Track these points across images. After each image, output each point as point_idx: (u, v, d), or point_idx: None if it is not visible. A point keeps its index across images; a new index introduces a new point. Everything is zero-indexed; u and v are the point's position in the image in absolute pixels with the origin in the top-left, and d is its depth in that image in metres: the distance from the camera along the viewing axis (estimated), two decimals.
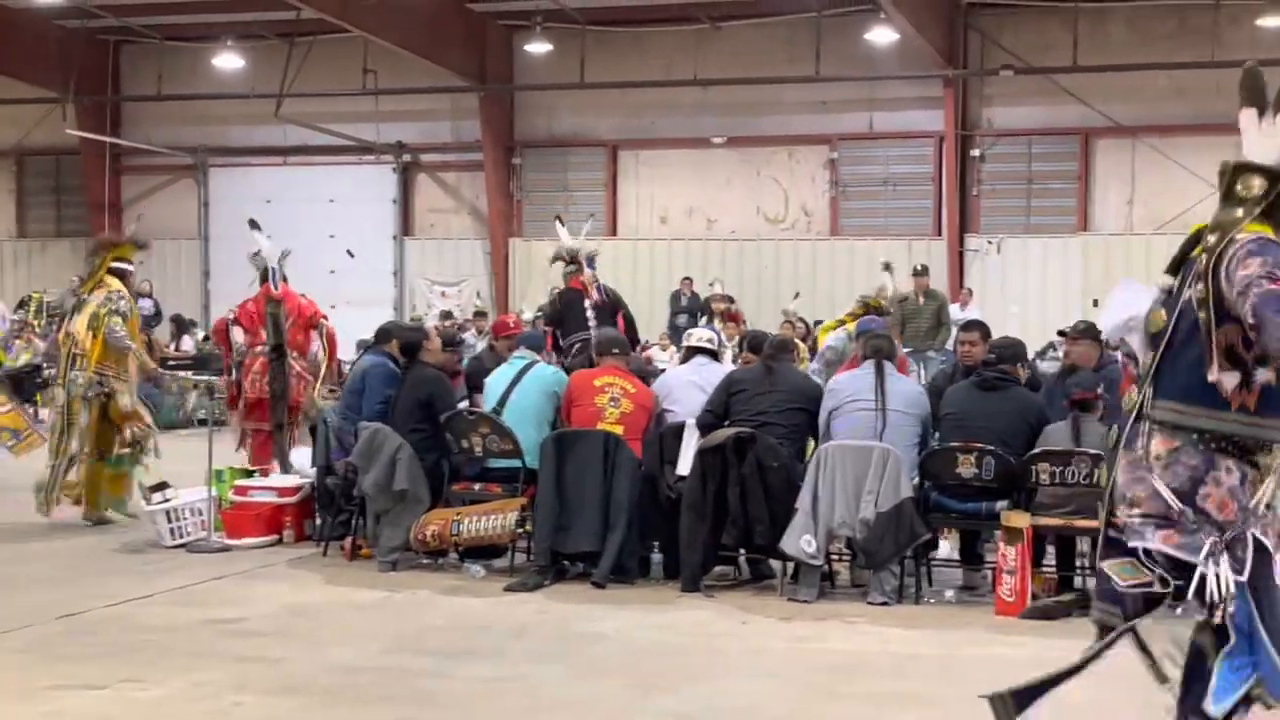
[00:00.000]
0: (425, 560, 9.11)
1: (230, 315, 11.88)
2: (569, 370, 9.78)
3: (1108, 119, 23.30)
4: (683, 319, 22.04)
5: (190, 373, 17.03)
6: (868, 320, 10.35)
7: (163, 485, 10.23)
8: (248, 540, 9.68)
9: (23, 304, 24.45)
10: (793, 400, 8.60)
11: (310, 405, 10.91)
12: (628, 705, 6.05)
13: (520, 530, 8.72)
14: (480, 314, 22.82)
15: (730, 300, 20.40)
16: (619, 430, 8.72)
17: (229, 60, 26.32)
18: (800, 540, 8.05)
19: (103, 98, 27.58)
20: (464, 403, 9.81)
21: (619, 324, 11.65)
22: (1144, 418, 4.38)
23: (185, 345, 22.45)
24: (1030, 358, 9.91)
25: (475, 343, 17.95)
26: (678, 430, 8.69)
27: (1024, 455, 8.00)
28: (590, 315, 11.75)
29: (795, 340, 13.69)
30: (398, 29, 23.02)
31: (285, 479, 10.44)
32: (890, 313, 12.39)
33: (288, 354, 11.41)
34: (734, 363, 10.35)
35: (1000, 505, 8.07)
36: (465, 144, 26.53)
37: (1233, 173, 4.35)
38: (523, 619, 7.66)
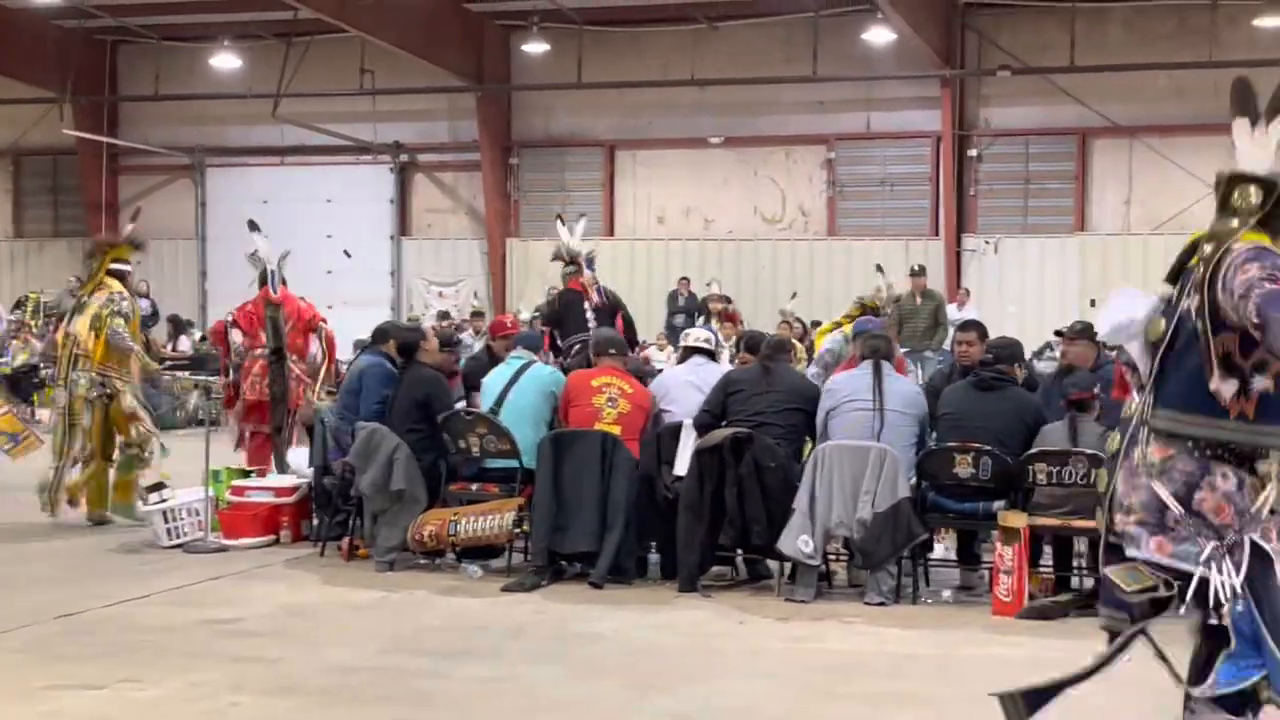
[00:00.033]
0: (422, 560, 9.11)
1: (229, 318, 11.88)
2: (567, 371, 9.78)
3: (1105, 119, 23.31)
4: (680, 319, 22.04)
5: (188, 373, 17.03)
6: (864, 320, 10.36)
7: (159, 485, 10.23)
8: (245, 540, 9.67)
9: (20, 304, 24.45)
10: (790, 400, 8.60)
11: (308, 408, 10.90)
12: (625, 705, 6.05)
13: (517, 530, 8.72)
14: (477, 314, 22.85)
15: (727, 300, 20.42)
16: (616, 430, 8.72)
17: (226, 60, 26.31)
18: (797, 540, 8.05)
19: (100, 98, 27.57)
20: (461, 403, 9.82)
21: (618, 325, 11.65)
22: (1143, 426, 4.39)
23: (182, 345, 22.45)
24: (1027, 358, 9.92)
25: (472, 343, 17.96)
26: (675, 430, 8.69)
27: (1021, 455, 8.01)
28: (590, 317, 11.75)
29: (792, 340, 13.70)
30: (395, 29, 23.02)
31: (282, 479, 10.44)
32: (887, 313, 12.40)
33: (287, 357, 11.41)
34: (731, 363, 10.35)
35: (997, 505, 8.07)
36: (462, 144, 26.54)
37: (1228, 183, 4.36)
38: (520, 619, 7.66)
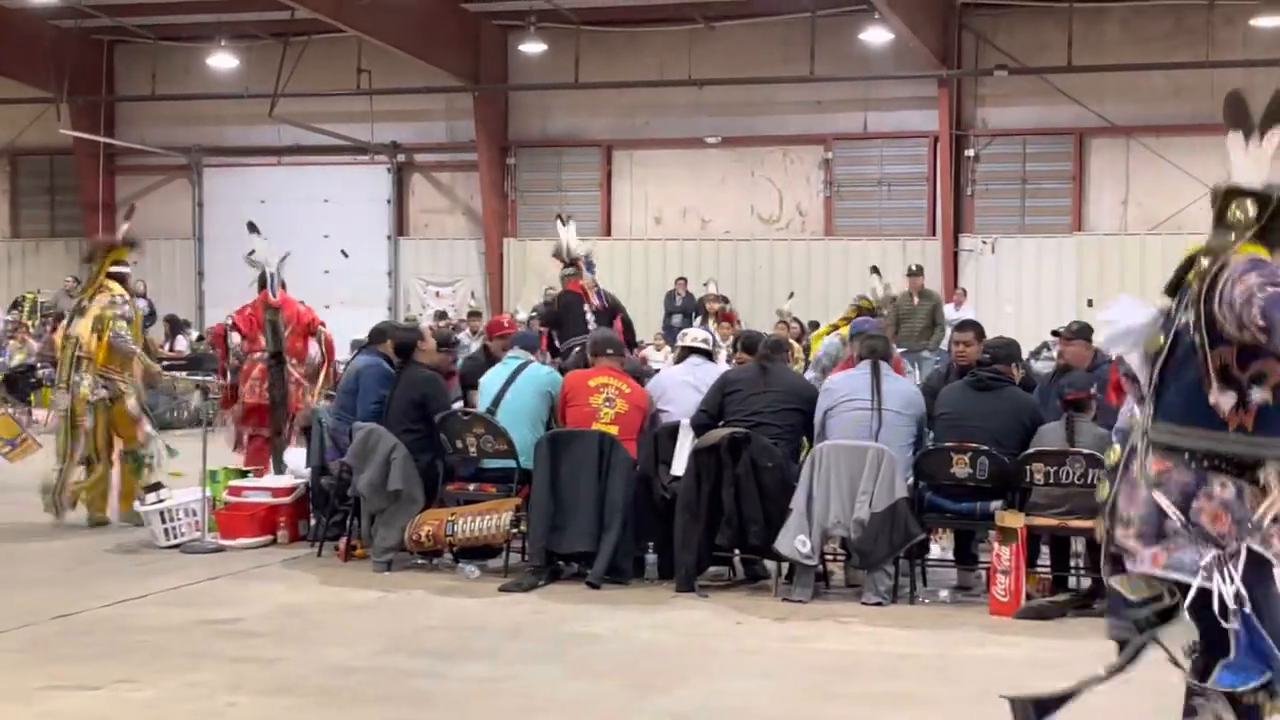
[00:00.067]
0: (420, 560, 9.11)
1: (229, 320, 11.87)
2: (564, 372, 9.77)
3: (1102, 119, 23.31)
4: (677, 319, 22.04)
5: (185, 373, 17.01)
6: (861, 321, 10.37)
7: (157, 485, 10.22)
8: (242, 541, 9.67)
9: (16, 304, 24.43)
10: (787, 400, 8.60)
11: (307, 411, 10.90)
12: (623, 705, 6.05)
13: (515, 530, 8.72)
14: (475, 314, 22.83)
15: (725, 300, 20.42)
16: (614, 430, 8.72)
17: (223, 60, 26.27)
18: (795, 540, 8.05)
19: (97, 97, 27.54)
20: (459, 403, 9.81)
21: (618, 328, 11.65)
22: (1142, 439, 4.42)
23: (179, 345, 22.43)
24: (1025, 358, 9.92)
25: (470, 343, 17.95)
26: (672, 430, 8.69)
27: (1018, 455, 8.01)
28: (590, 320, 11.75)
29: (790, 340, 13.70)
30: (392, 29, 23.01)
31: (279, 479, 10.43)
32: (884, 314, 12.40)
33: (287, 361, 11.41)
34: (728, 363, 10.35)
35: (995, 505, 8.07)
36: (460, 144, 26.52)
37: (1224, 197, 4.37)
38: (518, 619, 7.66)
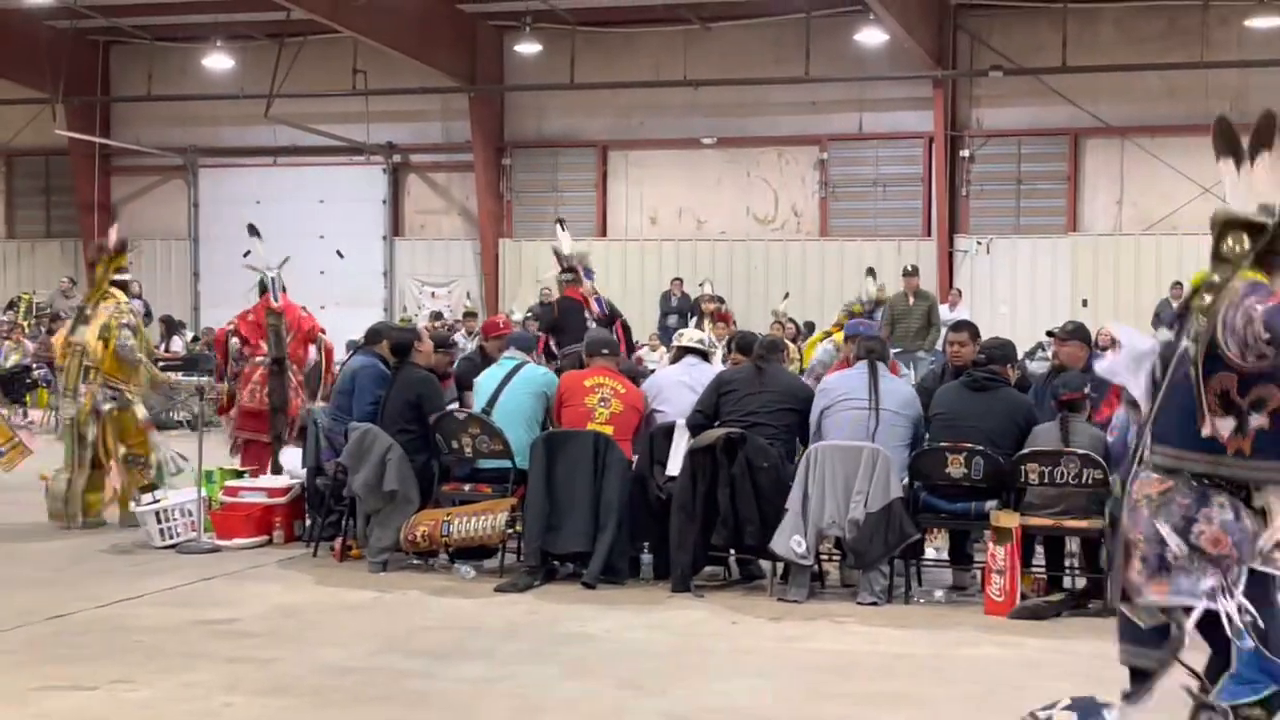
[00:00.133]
0: (415, 561, 9.12)
1: (229, 326, 11.87)
2: (559, 374, 9.78)
3: (1097, 119, 23.34)
4: (673, 319, 22.07)
5: (180, 374, 17.02)
6: (857, 322, 10.39)
7: (153, 486, 10.22)
8: (238, 541, 9.66)
9: (12, 305, 24.43)
10: (783, 401, 8.61)
11: (302, 412, 10.90)
12: (618, 705, 6.05)
13: (510, 531, 8.72)
14: (470, 315, 22.83)
15: (720, 301, 20.44)
16: (609, 430, 8.73)
17: (219, 61, 26.27)
18: (790, 540, 8.06)
19: (92, 98, 27.52)
20: (454, 405, 9.80)
21: (618, 333, 11.68)
22: (1142, 463, 4.47)
23: (175, 346, 22.43)
24: (1020, 358, 9.93)
25: (465, 343, 17.95)
26: (668, 430, 8.70)
27: (1013, 455, 8.02)
28: (591, 327, 11.76)
29: (785, 341, 13.70)
30: (388, 29, 23.01)
31: (275, 480, 10.43)
32: (876, 316, 12.43)
33: (288, 366, 11.41)
34: (723, 363, 10.36)
35: (989, 505, 8.08)
36: (455, 144, 26.52)
37: (1220, 229, 4.39)
38: (513, 619, 7.67)
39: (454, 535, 8.72)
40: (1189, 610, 4.30)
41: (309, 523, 9.90)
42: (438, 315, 24.19)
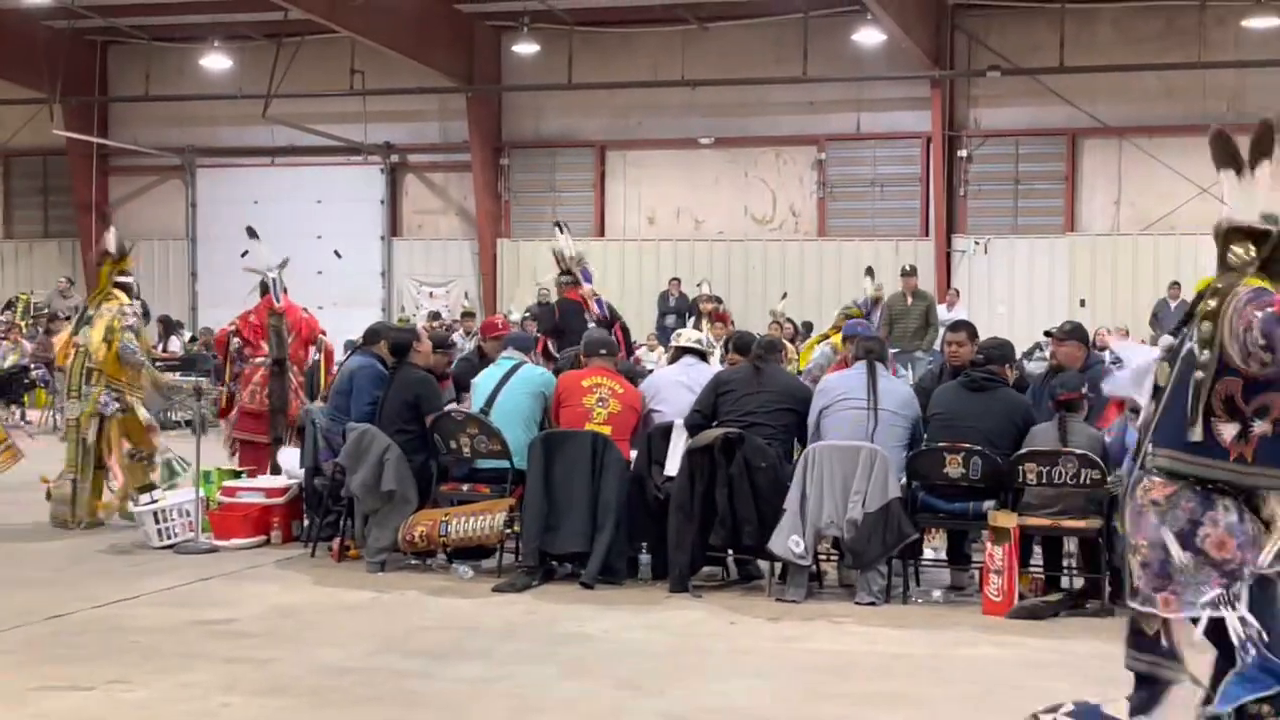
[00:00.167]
0: (413, 561, 9.11)
1: (231, 326, 11.87)
2: (557, 374, 9.78)
3: (1094, 119, 23.35)
4: (670, 319, 22.07)
5: (178, 374, 17.00)
6: (855, 323, 10.38)
7: (150, 486, 10.21)
8: (236, 541, 9.66)
9: (9, 305, 24.41)
10: (781, 401, 8.61)
11: (300, 412, 10.89)
12: (616, 705, 6.05)
13: (508, 531, 8.71)
14: (468, 315, 22.83)
15: (718, 301, 20.41)
16: (607, 431, 8.73)
17: (216, 61, 26.28)
18: (788, 540, 8.06)
19: (90, 98, 27.50)
20: (452, 405, 9.79)
21: (617, 335, 11.68)
22: (1145, 468, 4.48)
23: (173, 346, 22.42)
24: (1017, 358, 9.93)
25: (464, 343, 17.95)
26: (666, 430, 8.69)
27: (1011, 455, 8.02)
28: (592, 329, 11.77)
29: (783, 341, 13.70)
30: (385, 29, 23.00)
31: (273, 480, 10.43)
32: (865, 315, 12.44)
33: (289, 368, 11.40)
34: (721, 363, 10.36)
35: (987, 505, 8.08)
36: (453, 144, 26.51)
37: (1224, 238, 4.42)
38: (511, 620, 7.66)
39: (452, 535, 8.72)
40: (1195, 621, 4.32)
41: (307, 523, 9.90)
42: (436, 315, 24.18)
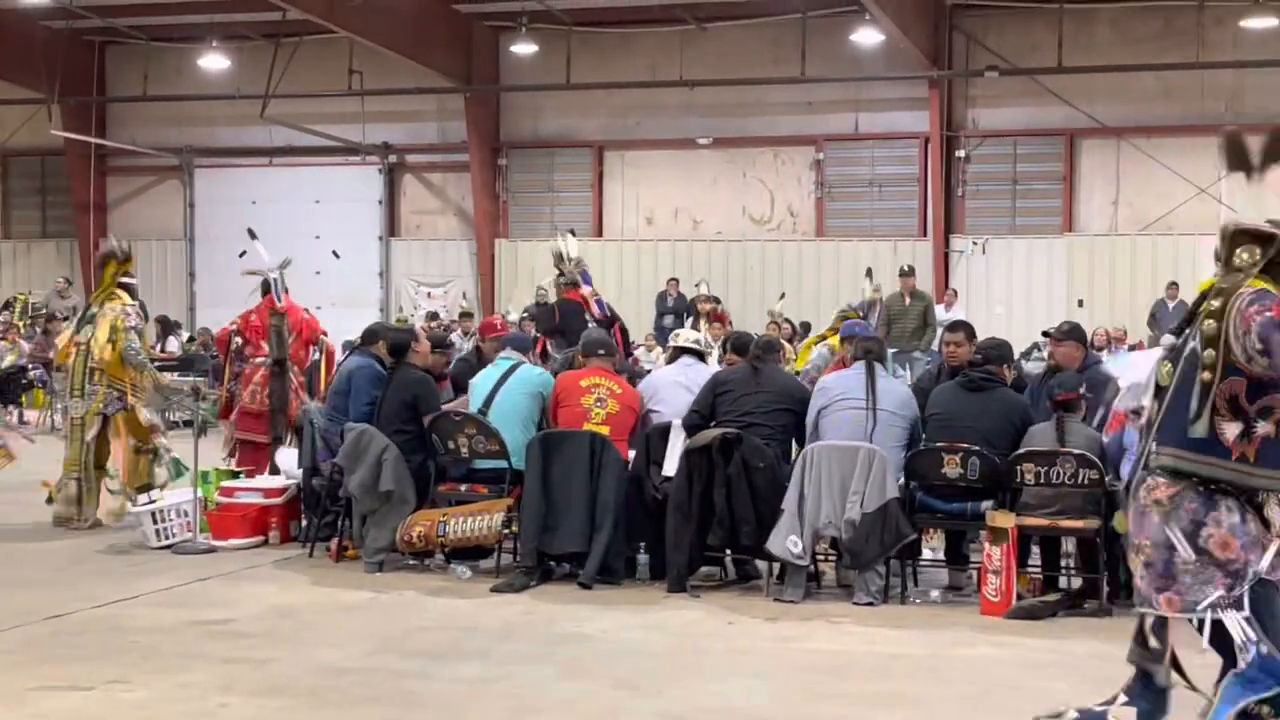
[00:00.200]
0: (411, 561, 9.11)
1: (232, 326, 11.87)
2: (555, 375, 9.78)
3: (1092, 120, 23.36)
4: (669, 320, 22.07)
5: (176, 374, 17.00)
6: (854, 323, 10.39)
7: (148, 486, 10.20)
8: (234, 541, 9.66)
9: (8, 305, 24.40)
10: (779, 401, 8.61)
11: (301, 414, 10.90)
12: (614, 705, 6.05)
13: (506, 531, 8.71)
14: (466, 315, 22.83)
15: (716, 301, 20.39)
16: (605, 431, 8.73)
17: (215, 61, 26.27)
18: (786, 540, 8.06)
19: (88, 98, 27.50)
20: (451, 405, 9.79)
21: (616, 337, 11.69)
22: (1148, 467, 4.50)
23: (171, 346, 22.41)
24: (1015, 358, 9.94)
25: (462, 344, 17.95)
26: (664, 431, 8.69)
27: (1009, 455, 8.03)
28: (591, 329, 11.79)
29: (781, 341, 13.71)
30: (383, 30, 23.01)
31: (271, 480, 10.43)
32: (863, 316, 12.46)
33: (290, 368, 11.39)
34: (719, 363, 10.36)
35: (985, 505, 8.08)
36: (451, 145, 26.51)
37: (1230, 240, 4.43)
38: (509, 620, 7.66)
39: (450, 535, 8.72)
40: (1200, 623, 4.33)
41: (305, 523, 9.89)
42: (434, 315, 24.18)
